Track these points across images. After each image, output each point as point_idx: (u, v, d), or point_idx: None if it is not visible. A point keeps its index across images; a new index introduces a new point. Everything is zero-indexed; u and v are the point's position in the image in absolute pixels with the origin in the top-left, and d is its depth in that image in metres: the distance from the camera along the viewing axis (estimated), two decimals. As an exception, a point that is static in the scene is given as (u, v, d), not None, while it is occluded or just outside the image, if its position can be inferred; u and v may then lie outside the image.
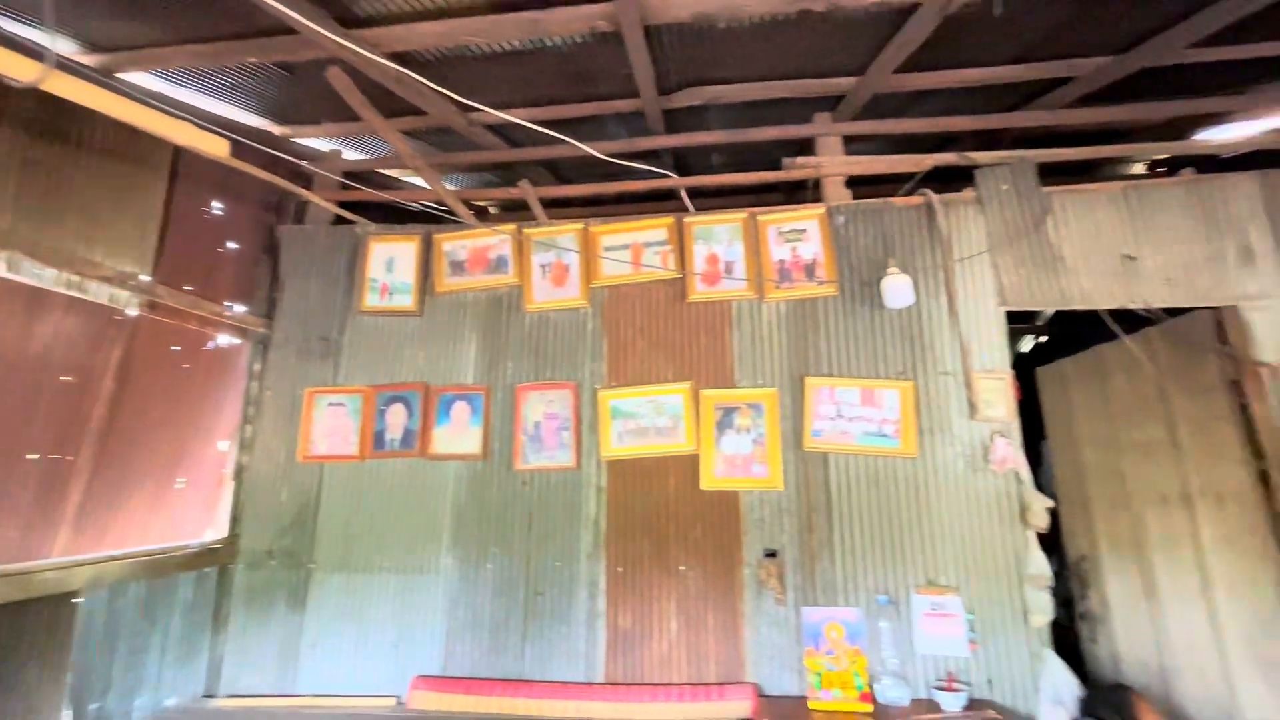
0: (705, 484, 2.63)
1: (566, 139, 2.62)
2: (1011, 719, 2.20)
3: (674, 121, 3.08)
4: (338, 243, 3.14)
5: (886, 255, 2.70)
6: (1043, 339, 4.85)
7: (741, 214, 2.89)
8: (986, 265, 2.66)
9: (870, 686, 2.25)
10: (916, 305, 2.63)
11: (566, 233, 3.00)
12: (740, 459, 2.64)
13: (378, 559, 2.75)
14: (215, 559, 2.73)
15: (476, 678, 2.56)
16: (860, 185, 2.94)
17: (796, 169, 2.96)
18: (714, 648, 2.49)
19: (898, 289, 2.53)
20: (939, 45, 2.40)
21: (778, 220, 2.86)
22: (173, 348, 2.66)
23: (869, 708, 2.16)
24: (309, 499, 2.84)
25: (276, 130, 3.07)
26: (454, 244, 3.07)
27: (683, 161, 3.62)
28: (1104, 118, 2.88)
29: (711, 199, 3.58)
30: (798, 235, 2.83)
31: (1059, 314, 2.68)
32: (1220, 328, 2.55)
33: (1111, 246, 2.62)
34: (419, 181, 3.31)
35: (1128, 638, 3.11)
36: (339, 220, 3.16)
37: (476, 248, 3.05)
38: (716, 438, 2.67)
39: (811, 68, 2.64)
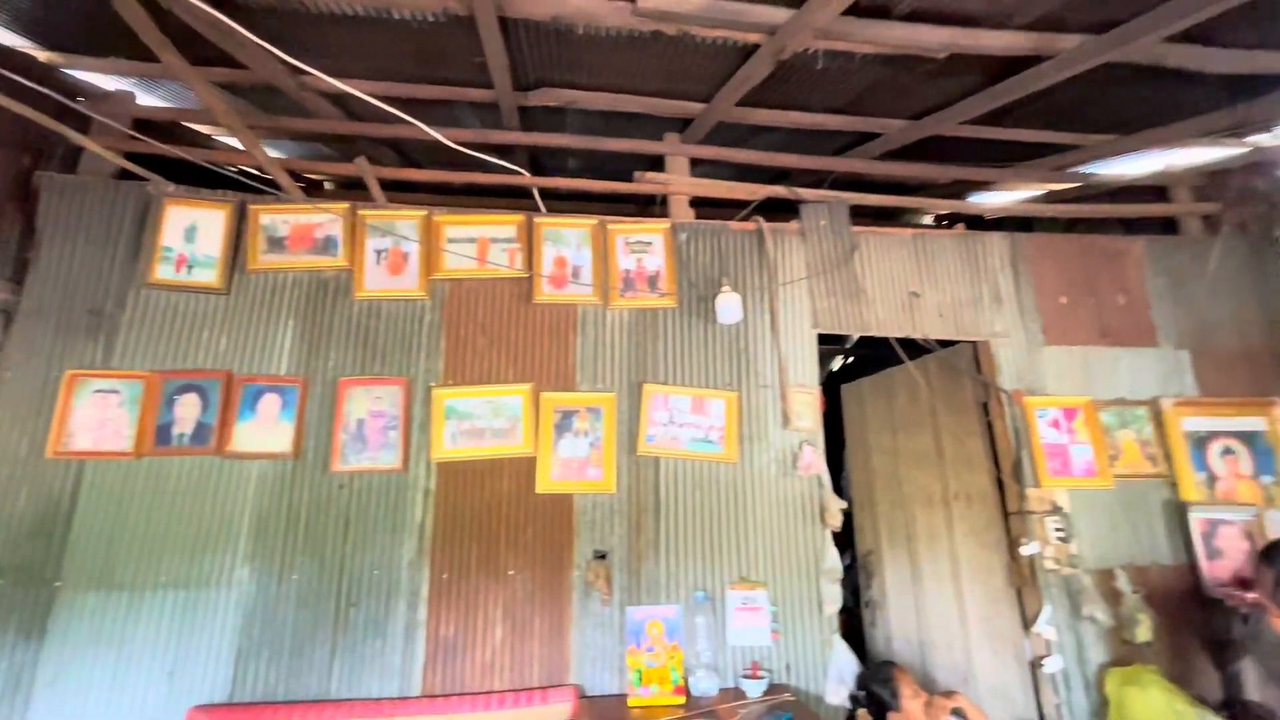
0: (541, 487, 2.62)
1: (412, 120, 2.47)
2: (804, 699, 2.47)
3: (530, 119, 3.04)
4: (120, 200, 2.66)
5: (721, 274, 2.90)
6: (849, 360, 5.51)
7: (592, 220, 2.93)
8: (804, 291, 2.96)
9: (685, 680, 2.39)
10: (744, 322, 2.86)
11: (408, 219, 2.82)
12: (576, 462, 2.66)
13: (152, 573, 2.36)
14: (-88, 579, 2.17)
15: (271, 702, 2.30)
16: (702, 206, 3.13)
17: (646, 183, 3.07)
18: (539, 651, 2.48)
19: (729, 306, 2.73)
20: (776, 86, 2.64)
21: (626, 230, 2.94)
22: None
23: (681, 700, 2.29)
24: (58, 503, 2.37)
25: (41, 55, 2.54)
26: (274, 217, 2.75)
27: (538, 161, 3.59)
28: (903, 173, 3.35)
29: (564, 201, 3.58)
30: (644, 247, 2.94)
31: (862, 338, 3.05)
32: (976, 358, 3.08)
33: (902, 284, 3.05)
34: (237, 144, 2.92)
35: (898, 619, 3.63)
36: (125, 175, 2.69)
37: (301, 224, 2.76)
38: (554, 440, 2.67)
39: (664, 88, 2.76)
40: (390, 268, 2.76)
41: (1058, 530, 2.75)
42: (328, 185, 3.75)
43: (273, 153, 3.16)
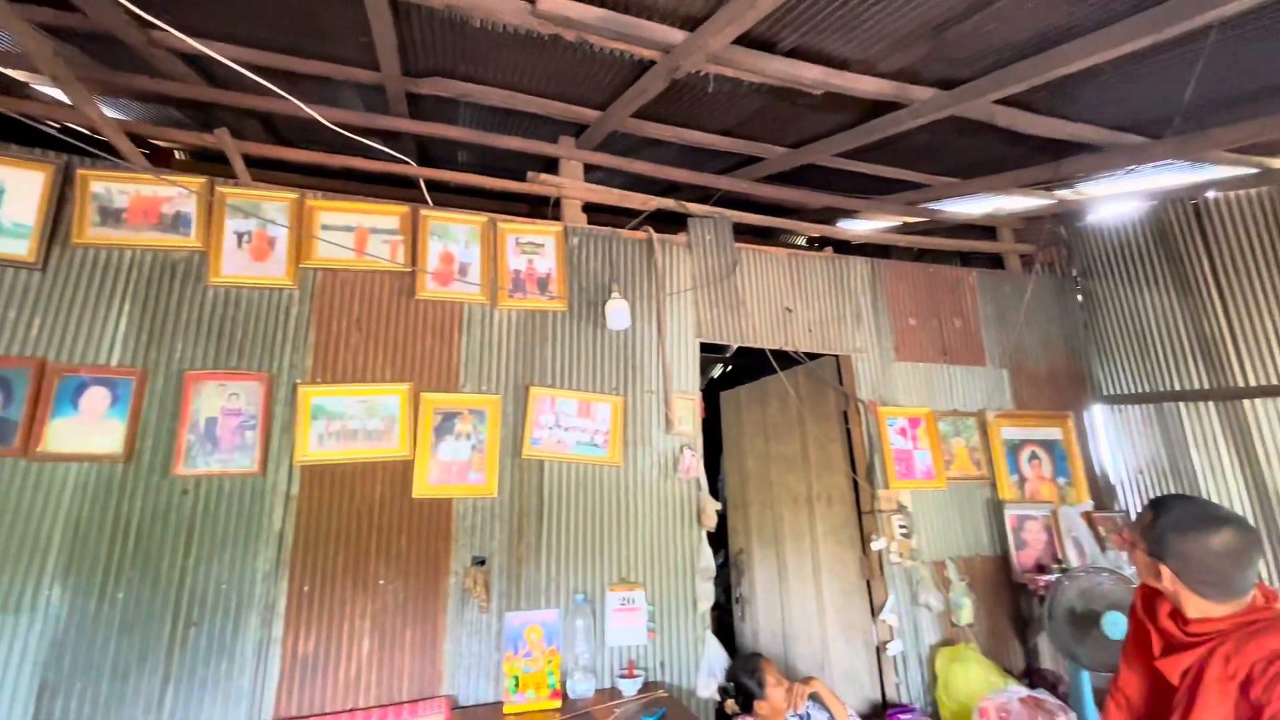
0: (418, 491, 2.51)
1: (284, 95, 2.28)
2: (677, 694, 2.56)
3: (420, 108, 2.92)
4: (-102, 150, 2.21)
5: (611, 280, 2.95)
6: (728, 368, 5.80)
7: (482, 218, 2.86)
8: (690, 301, 3.09)
9: (562, 683, 2.39)
10: (632, 329, 2.93)
11: (276, 200, 2.60)
12: (457, 465, 2.58)
13: (-75, 597, 1.98)
14: None
15: (84, 740, 2.01)
16: (595, 211, 3.17)
17: (539, 185, 3.05)
18: (410, 664, 2.37)
19: (618, 312, 2.78)
20: (669, 103, 2.74)
21: (518, 230, 2.91)
22: None
23: (557, 704, 2.29)
24: None
25: None
26: (109, 186, 2.42)
27: (426, 152, 3.44)
28: (782, 196, 3.60)
29: (452, 196, 3.47)
30: (535, 249, 2.92)
31: (741, 348, 3.23)
32: (839, 370, 3.37)
33: (777, 299, 3.27)
34: (64, 97, 2.53)
35: (765, 614, 3.87)
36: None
37: (145, 196, 2.45)
38: (434, 443, 2.57)
39: (561, 91, 2.77)
40: (254, 253, 2.52)
41: (901, 527, 3.07)
42: (180, 155, 3.35)
43: (111, 113, 2.78)
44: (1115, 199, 3.53)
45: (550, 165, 3.16)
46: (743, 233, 3.37)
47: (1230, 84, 2.35)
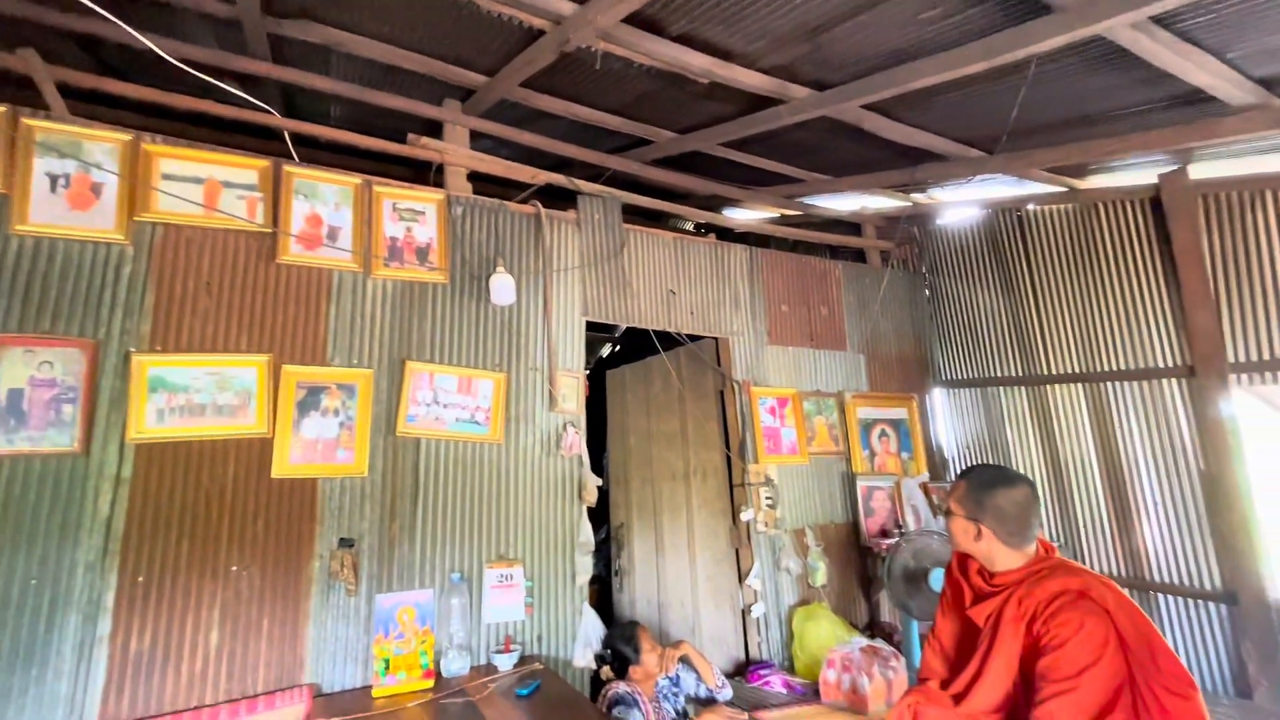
0: (278, 471, 2.33)
1: (113, 19, 1.98)
2: (554, 666, 2.61)
3: (286, 52, 2.65)
4: None
5: (496, 254, 2.88)
6: (616, 348, 5.87)
7: (356, 179, 2.67)
8: (577, 280, 3.09)
9: (436, 662, 2.35)
10: (517, 305, 2.88)
11: (103, 140, 2.26)
12: (323, 443, 2.43)
13: None
14: None
15: None
16: (480, 182, 3.06)
17: (421, 148, 2.89)
18: (267, 653, 2.22)
19: (503, 287, 2.72)
20: (560, 75, 2.70)
21: (396, 196, 2.75)
22: None
23: (430, 684, 2.25)
24: None
25: None
26: None
27: (294, 103, 3.14)
28: (671, 180, 3.67)
29: (323, 154, 3.20)
30: (414, 216, 2.77)
31: (629, 329, 3.29)
32: (717, 352, 3.54)
33: (662, 282, 3.36)
34: None
35: (642, 584, 4.02)
36: None
37: (-81, 123, 2.04)
38: (297, 420, 2.40)
39: (447, 52, 2.63)
40: (73, 199, 2.19)
41: (768, 499, 3.31)
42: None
43: None
44: (959, 205, 3.97)
45: (434, 129, 3.01)
46: (631, 215, 3.42)
47: (1048, 111, 2.71)
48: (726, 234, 3.90)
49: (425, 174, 3.26)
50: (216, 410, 2.28)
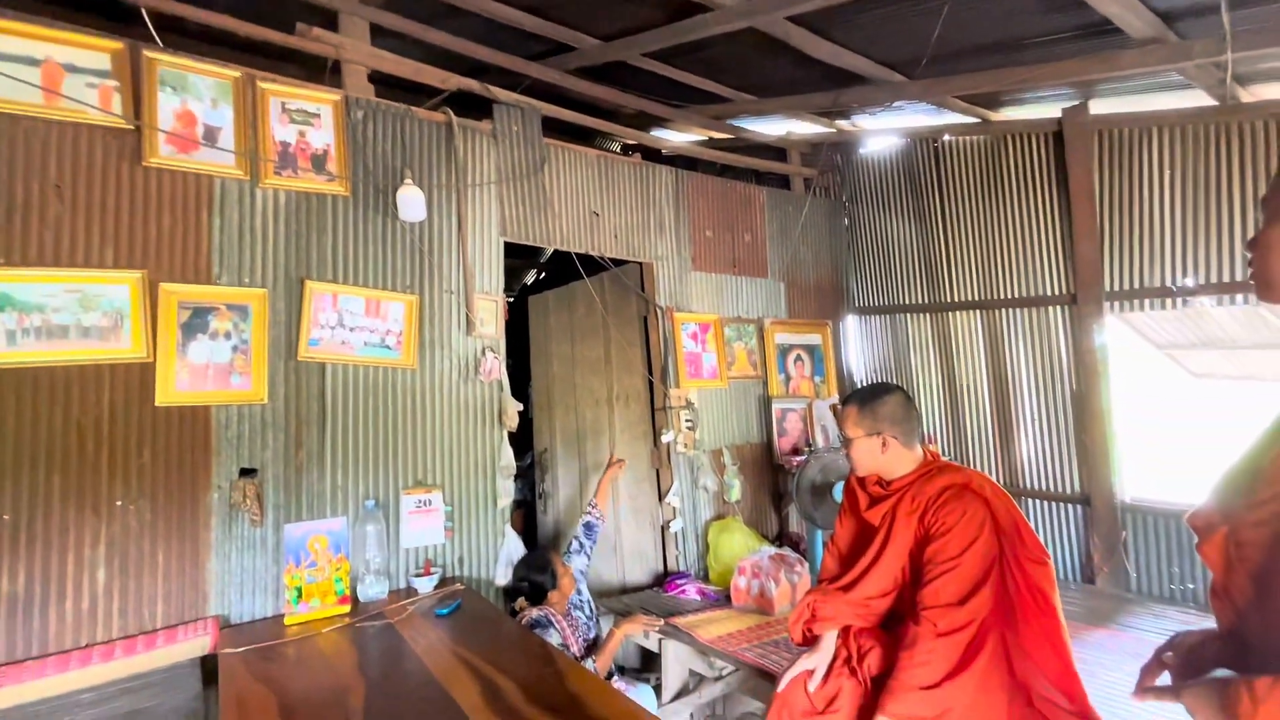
0: (163, 399, 2.14)
1: None
2: (475, 587, 2.64)
3: (131, -91, 2.23)
4: None
5: (404, 166, 2.66)
6: (542, 275, 5.71)
7: (235, 71, 2.36)
8: (494, 197, 2.92)
9: (352, 589, 2.32)
10: (429, 222, 2.70)
11: (-104, 6, 1.86)
12: (214, 369, 2.24)
13: None
14: None
15: None
16: (385, 85, 2.78)
17: (312, 41, 2.57)
18: (165, 588, 2.11)
19: (412, 202, 2.53)
20: (470, -34, 2.43)
21: (285, 94, 2.45)
22: None
23: (346, 609, 2.23)
24: None
25: None
26: None
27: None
28: (595, 93, 3.47)
29: (193, 40, 2.78)
30: (308, 119, 2.50)
31: (554, 255, 3.17)
32: (642, 277, 3.50)
33: (585, 203, 3.24)
34: None
35: (566, 506, 4.10)
36: None
37: None
38: (181, 343, 2.19)
39: (336, -74, 2.30)
40: None
41: (688, 421, 3.40)
42: None
43: None
44: (880, 134, 4.02)
45: (329, 22, 2.67)
46: (553, 131, 3.23)
47: (967, 34, 2.72)
48: (654, 157, 3.78)
49: (319, 74, 2.92)
50: (82, 332, 2.04)
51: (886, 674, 1.66)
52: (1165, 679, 0.92)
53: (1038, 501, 3.45)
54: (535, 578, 2.48)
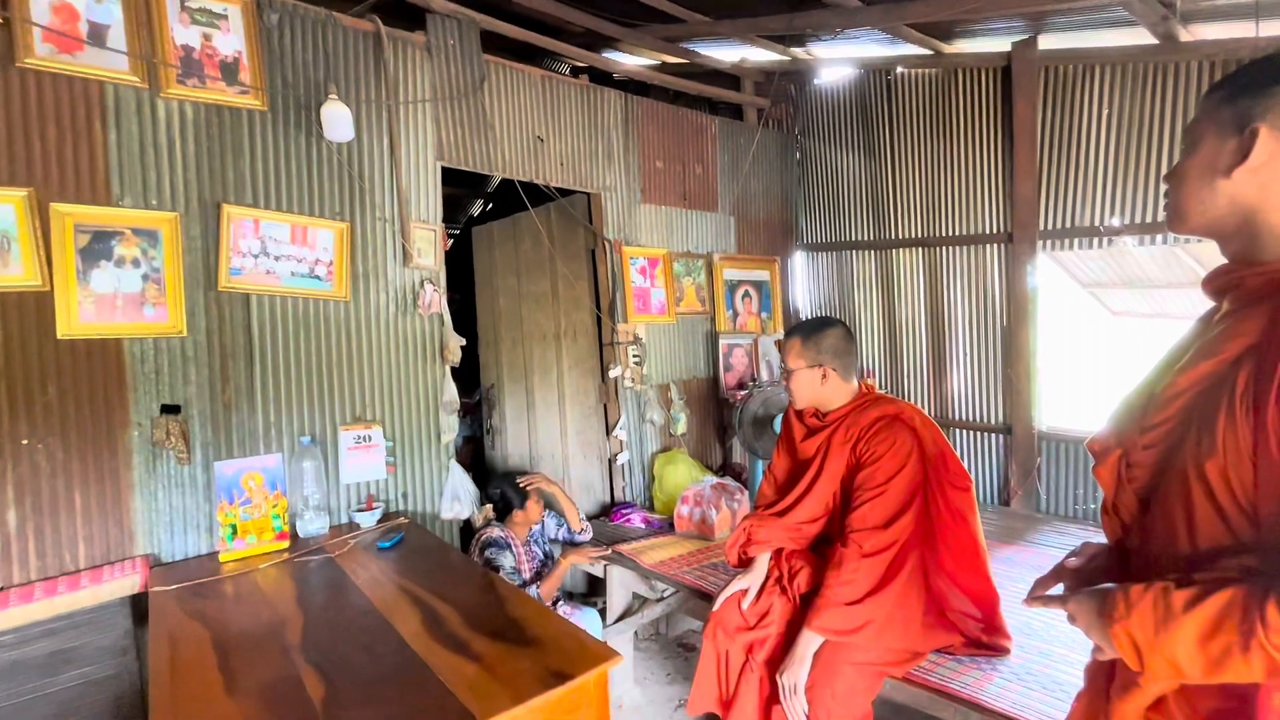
0: (65, 331, 1.99)
1: None
2: (420, 520, 2.64)
3: None
4: None
5: (328, 79, 2.44)
6: (488, 206, 5.47)
7: (120, -40, 2.07)
8: (429, 117, 2.73)
9: (291, 525, 2.28)
10: (358, 142, 2.52)
11: None
12: (124, 299, 2.08)
13: None
14: None
15: None
16: (301, -16, 2.51)
17: (212, -73, 2.27)
18: (85, 528, 2.03)
19: (338, 120, 2.34)
20: None
21: (182, -10, 2.18)
22: None
23: (285, 544, 2.19)
24: None
25: None
26: None
27: None
28: (539, 5, 3.23)
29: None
30: (213, 20, 2.24)
31: (503, 183, 3.02)
32: (590, 209, 3.39)
33: (528, 126, 3.07)
34: None
35: (514, 441, 4.10)
36: None
37: None
38: (82, 270, 2.01)
39: None
40: None
41: (635, 357, 3.40)
42: None
43: None
44: (834, 63, 3.92)
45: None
46: (496, 48, 3.00)
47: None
48: (604, 80, 3.59)
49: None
50: (-38, 257, 1.84)
51: (814, 592, 1.76)
52: (1058, 589, 1.00)
53: (965, 432, 3.65)
54: (509, 493, 2.64)
